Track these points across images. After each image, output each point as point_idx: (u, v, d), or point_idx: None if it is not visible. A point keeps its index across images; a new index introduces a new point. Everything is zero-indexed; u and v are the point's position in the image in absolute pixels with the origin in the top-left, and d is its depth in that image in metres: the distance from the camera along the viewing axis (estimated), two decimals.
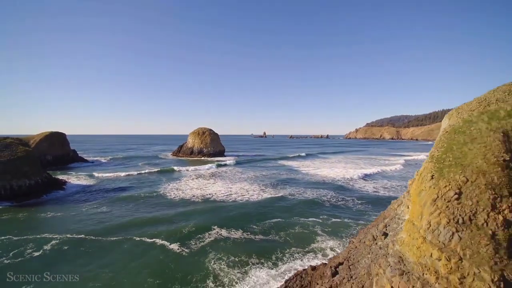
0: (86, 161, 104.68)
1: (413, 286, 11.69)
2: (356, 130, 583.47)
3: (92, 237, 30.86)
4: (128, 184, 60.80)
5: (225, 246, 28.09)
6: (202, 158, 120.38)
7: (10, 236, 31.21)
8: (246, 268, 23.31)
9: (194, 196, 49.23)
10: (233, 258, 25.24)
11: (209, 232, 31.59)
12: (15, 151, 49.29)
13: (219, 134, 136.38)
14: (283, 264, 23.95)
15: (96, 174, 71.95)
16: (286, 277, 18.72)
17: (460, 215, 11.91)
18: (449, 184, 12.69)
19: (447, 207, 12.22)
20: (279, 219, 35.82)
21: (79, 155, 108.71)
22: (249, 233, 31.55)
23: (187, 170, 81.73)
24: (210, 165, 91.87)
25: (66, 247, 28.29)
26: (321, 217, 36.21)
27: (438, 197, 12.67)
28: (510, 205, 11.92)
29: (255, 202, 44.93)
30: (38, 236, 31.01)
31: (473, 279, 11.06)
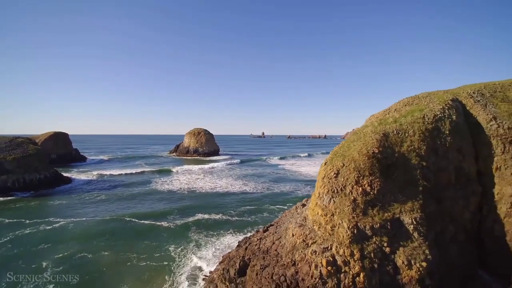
0: (88, 159, 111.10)
1: (304, 232, 18.04)
2: (353, 130, 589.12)
3: (92, 218, 37.25)
4: (126, 180, 67.18)
5: (206, 224, 34.65)
6: (197, 157, 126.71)
7: (22, 220, 37.47)
8: (220, 237, 30.19)
9: (182, 189, 55.67)
10: (211, 232, 31.91)
11: (193, 215, 37.97)
12: (26, 149, 55.72)
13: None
14: (250, 234, 30.38)
15: (97, 172, 78.27)
16: None
17: (335, 187, 18.25)
18: (333, 168, 19.03)
19: (328, 182, 18.55)
20: (253, 207, 42.20)
21: (81, 154, 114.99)
22: (227, 216, 37.95)
23: (181, 168, 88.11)
24: (203, 163, 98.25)
25: (68, 227, 34.48)
26: (287, 204, 42.61)
27: (325, 176, 19.01)
28: (369, 181, 18.28)
29: (235, 193, 51.41)
30: (47, 219, 37.28)
31: (338, 227, 17.42)
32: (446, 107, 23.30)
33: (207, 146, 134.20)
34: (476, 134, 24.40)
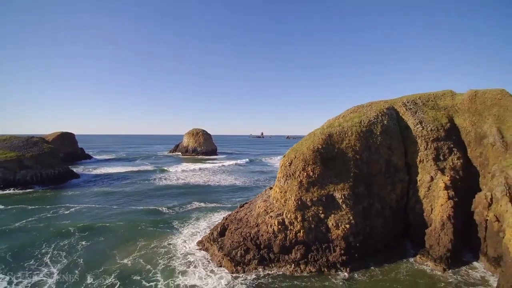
0: (92, 158, 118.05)
1: (266, 205, 25.27)
2: None
3: (103, 205, 44.27)
4: (129, 176, 74.17)
5: (203, 209, 41.67)
6: (196, 156, 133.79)
7: (43, 206, 44.27)
8: (213, 215, 37.88)
9: (181, 184, 62.82)
10: (207, 213, 39.25)
11: (191, 203, 44.94)
12: (42, 148, 62.78)
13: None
14: None
15: (102, 169, 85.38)
16: None
17: (289, 172, 25.48)
18: (288, 159, 26.26)
19: (284, 169, 25.78)
20: (242, 198, 49.29)
21: (86, 153, 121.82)
22: (220, 204, 44.92)
23: (180, 166, 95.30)
24: (200, 162, 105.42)
25: (83, 210, 41.56)
26: None
27: (282, 164, 26.25)
28: (312, 168, 25.50)
29: (228, 187, 58.79)
30: (64, 205, 44.20)
31: (288, 200, 24.64)
32: (380, 114, 30.57)
33: (205, 146, 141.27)
34: (406, 135, 31.80)
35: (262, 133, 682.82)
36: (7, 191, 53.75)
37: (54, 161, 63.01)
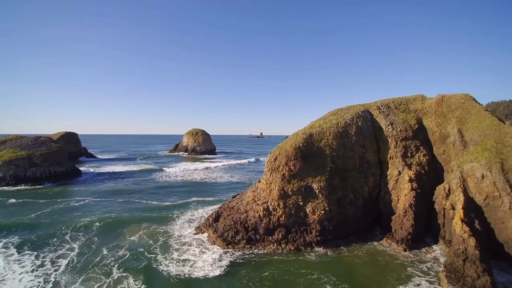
0: (95, 157, 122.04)
1: (254, 195, 29.52)
2: None
3: (107, 200, 48.38)
4: (132, 174, 78.26)
5: (201, 202, 45.82)
6: (195, 155, 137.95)
7: (54, 199, 48.42)
8: (210, 206, 41.96)
9: (181, 181, 66.98)
10: (204, 204, 43.44)
11: (190, 198, 49.07)
12: (50, 147, 66.88)
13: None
14: None
15: (106, 167, 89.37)
16: None
17: (274, 167, 29.76)
18: (273, 155, 30.53)
19: (270, 164, 30.06)
20: (237, 193, 53.44)
21: (89, 152, 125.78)
22: (217, 198, 49.10)
23: (180, 164, 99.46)
24: (200, 160, 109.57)
25: (92, 203, 45.76)
26: None
27: (269, 160, 30.51)
28: (293, 163, 29.78)
29: (225, 184, 63.09)
30: (73, 199, 48.33)
31: (272, 190, 28.90)
32: (355, 116, 34.89)
33: (204, 145, 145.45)
34: (379, 135, 36.11)
35: (261, 133, 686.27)
36: (18, 187, 57.86)
37: (61, 160, 67.14)
